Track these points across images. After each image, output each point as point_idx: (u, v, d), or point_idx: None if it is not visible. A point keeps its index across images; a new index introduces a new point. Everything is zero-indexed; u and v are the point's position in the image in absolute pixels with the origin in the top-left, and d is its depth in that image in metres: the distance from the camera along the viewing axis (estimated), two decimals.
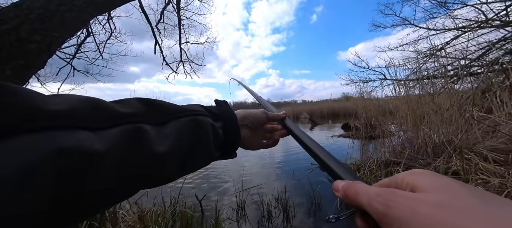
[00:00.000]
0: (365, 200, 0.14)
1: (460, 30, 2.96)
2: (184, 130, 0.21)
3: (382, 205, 0.12)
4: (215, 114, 0.26)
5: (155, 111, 0.20)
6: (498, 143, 1.28)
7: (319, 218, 1.38)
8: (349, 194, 0.15)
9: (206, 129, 0.23)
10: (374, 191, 0.14)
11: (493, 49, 2.49)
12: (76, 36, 2.95)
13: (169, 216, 1.25)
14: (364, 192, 0.14)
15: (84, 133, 0.14)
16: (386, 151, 2.19)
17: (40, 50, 1.18)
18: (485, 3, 2.64)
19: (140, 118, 0.18)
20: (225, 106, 0.28)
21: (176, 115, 0.21)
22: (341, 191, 0.16)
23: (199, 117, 0.23)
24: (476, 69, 2.73)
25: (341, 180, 0.18)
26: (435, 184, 0.12)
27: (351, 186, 0.16)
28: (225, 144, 0.26)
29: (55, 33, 1.23)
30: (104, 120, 0.16)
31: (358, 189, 0.15)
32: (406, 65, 3.63)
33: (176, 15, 3.91)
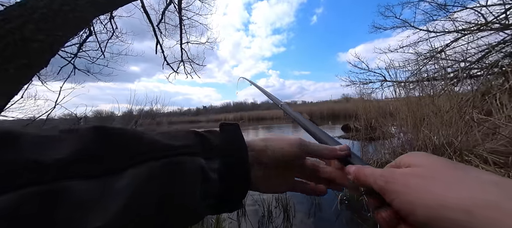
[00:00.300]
0: (372, 180, 0.16)
1: (460, 33, 2.97)
2: (153, 181, 0.14)
3: (384, 182, 0.15)
4: (211, 149, 0.18)
5: (110, 152, 0.13)
6: (498, 145, 1.29)
7: (319, 218, 1.39)
8: (360, 176, 0.18)
9: (187, 179, 0.15)
10: (378, 172, 0.16)
11: (492, 52, 2.51)
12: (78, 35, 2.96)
13: None
14: (371, 174, 0.17)
15: None
16: (386, 152, 2.19)
17: (43, 49, 1.19)
18: (485, 6, 2.66)
19: (73, 169, 0.11)
20: (233, 134, 0.19)
21: (145, 156, 0.14)
22: (353, 174, 0.18)
23: (183, 157, 0.15)
24: (476, 71, 2.75)
25: (351, 165, 0.20)
26: (424, 161, 0.15)
27: (361, 169, 0.18)
28: (224, 192, 0.17)
29: (58, 32, 1.24)
30: (8, 178, 0.10)
31: (366, 171, 0.17)
32: (406, 67, 3.65)
33: (177, 15, 3.93)
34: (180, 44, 4.37)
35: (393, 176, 0.15)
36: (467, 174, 0.13)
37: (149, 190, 0.13)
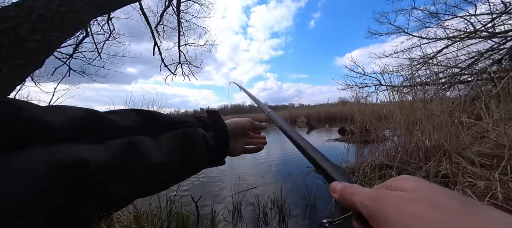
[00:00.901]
0: (358, 200, 0.15)
1: (450, 40, 3.08)
2: (179, 140, 0.22)
3: (372, 204, 0.13)
4: (207, 125, 0.28)
5: (150, 122, 0.21)
6: (485, 148, 1.33)
7: (314, 220, 1.40)
8: (345, 195, 0.16)
9: (199, 140, 0.25)
10: (366, 191, 0.15)
11: (481, 59, 2.60)
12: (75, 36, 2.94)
13: (165, 217, 1.25)
14: (358, 193, 0.15)
15: (86, 146, 0.15)
16: (380, 155, 2.23)
17: (39, 50, 1.18)
18: (474, 15, 2.77)
19: (137, 131, 0.19)
20: (216, 117, 0.30)
21: (171, 126, 0.22)
22: (338, 192, 0.17)
23: (192, 129, 0.24)
24: (466, 77, 2.84)
25: (338, 182, 0.18)
26: (418, 185, 0.13)
27: (347, 188, 0.17)
28: (216, 152, 0.28)
29: (55, 33, 1.24)
30: (104, 132, 0.16)
31: (353, 190, 0.16)
32: (400, 71, 3.75)
33: (176, 18, 3.94)
34: (178, 46, 4.37)
35: (383, 198, 0.13)
36: (473, 207, 0.11)
37: (178, 146, 0.22)
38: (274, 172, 2.50)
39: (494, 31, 2.55)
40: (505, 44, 2.45)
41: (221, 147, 0.28)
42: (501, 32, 2.50)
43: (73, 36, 2.79)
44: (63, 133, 0.14)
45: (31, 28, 1.11)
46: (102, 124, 0.17)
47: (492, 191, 0.93)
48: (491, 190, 0.95)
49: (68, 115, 0.15)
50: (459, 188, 1.09)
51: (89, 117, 0.16)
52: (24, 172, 0.12)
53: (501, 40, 2.49)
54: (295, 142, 0.28)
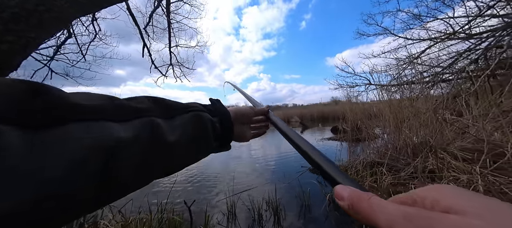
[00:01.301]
0: (384, 222, 0.11)
1: (432, 41, 3.25)
2: (189, 124, 0.23)
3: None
4: (211, 111, 0.28)
5: (163, 107, 0.22)
6: (466, 143, 1.41)
7: (309, 220, 1.40)
8: (360, 208, 0.12)
9: (206, 124, 0.26)
10: (397, 211, 0.11)
11: (460, 59, 2.76)
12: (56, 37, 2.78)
13: (156, 224, 1.20)
14: (382, 210, 0.11)
15: (112, 124, 0.16)
16: (371, 152, 2.30)
17: (14, 51, 1.10)
18: (452, 17, 2.95)
19: (152, 113, 0.20)
20: (219, 104, 0.31)
21: (181, 111, 0.24)
22: (348, 201, 0.13)
23: (200, 113, 0.26)
24: (447, 76, 3.00)
25: (344, 186, 0.15)
26: (483, 207, 0.09)
27: (362, 199, 0.12)
28: (222, 136, 0.29)
29: (32, 34, 1.16)
30: (124, 113, 0.18)
31: (372, 204, 0.12)
32: (388, 71, 3.90)
33: (166, 19, 3.85)
34: (169, 48, 4.27)
35: (431, 225, 0.09)
36: None
37: (189, 129, 0.23)
38: (268, 173, 2.50)
39: (471, 32, 2.73)
40: (480, 45, 2.63)
41: (226, 131, 0.29)
42: (476, 33, 2.68)
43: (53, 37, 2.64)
44: (96, 113, 0.15)
45: (3, 28, 1.03)
46: (124, 106, 0.18)
47: (474, 184, 0.98)
48: (472, 183, 1.00)
49: (93, 97, 0.16)
50: (444, 182, 1.14)
51: (112, 99, 0.18)
52: (63, 148, 0.12)
53: (477, 41, 2.66)
54: (291, 140, 0.25)
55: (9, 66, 1.16)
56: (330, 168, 0.17)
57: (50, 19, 1.24)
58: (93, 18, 3.24)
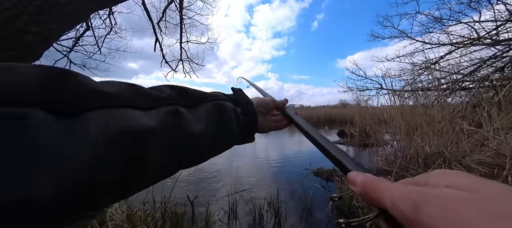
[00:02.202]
0: (389, 201, 0.11)
1: (453, 46, 3.06)
2: (212, 113, 0.22)
3: (410, 207, 0.10)
4: (234, 100, 0.27)
5: (185, 95, 0.21)
6: (485, 157, 1.32)
7: (310, 224, 1.38)
8: (370, 191, 0.13)
9: (230, 113, 0.24)
10: (399, 190, 0.11)
11: (484, 66, 2.58)
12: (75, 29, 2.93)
13: (159, 216, 1.24)
14: (387, 191, 0.12)
15: (136, 111, 0.16)
16: (379, 159, 2.22)
17: (37, 42, 1.17)
18: (478, 22, 2.75)
19: (175, 101, 0.19)
20: (241, 93, 0.30)
21: (204, 99, 0.23)
22: (360, 186, 0.14)
23: (223, 101, 0.24)
24: (468, 84, 2.82)
25: (357, 172, 0.15)
26: (475, 183, 0.10)
27: (373, 182, 0.13)
28: (246, 127, 0.27)
29: (54, 25, 1.22)
30: (148, 101, 0.17)
31: (381, 186, 0.12)
32: (401, 76, 3.72)
33: (178, 14, 3.92)
34: (179, 43, 4.35)
35: (425, 199, 0.10)
36: None
37: (212, 118, 0.22)
38: (271, 174, 2.49)
39: (498, 38, 2.53)
40: (508, 52, 2.43)
41: (250, 122, 0.28)
42: (504, 39, 2.48)
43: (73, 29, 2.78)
44: (120, 100, 0.15)
45: (29, 20, 1.10)
46: (147, 94, 0.18)
47: None
48: None
49: (118, 85, 0.16)
50: None
51: (136, 88, 0.17)
52: (89, 135, 0.12)
53: (505, 47, 2.47)
54: (306, 133, 0.27)
55: (32, 56, 1.23)
56: (343, 157, 0.19)
57: (71, 12, 1.30)
58: (110, 12, 3.37)
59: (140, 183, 0.16)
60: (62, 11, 1.26)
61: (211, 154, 0.23)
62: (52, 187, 0.10)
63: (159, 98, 0.18)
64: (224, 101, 0.25)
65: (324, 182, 2.10)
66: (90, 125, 0.12)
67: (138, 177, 0.15)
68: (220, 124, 0.23)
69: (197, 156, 0.21)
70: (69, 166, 0.11)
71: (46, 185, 0.10)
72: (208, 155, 0.23)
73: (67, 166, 0.11)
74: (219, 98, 0.24)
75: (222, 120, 0.23)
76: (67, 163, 0.11)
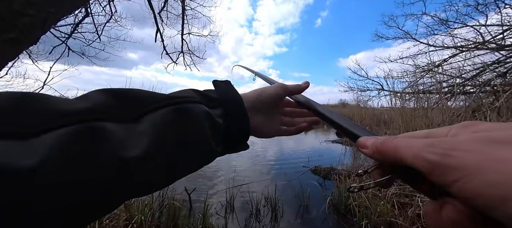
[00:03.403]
0: (409, 154, 0.11)
1: (458, 49, 3.03)
2: (167, 123, 0.16)
3: (439, 155, 0.10)
4: (212, 100, 0.21)
5: (125, 104, 0.15)
6: None
7: (307, 220, 1.40)
8: (385, 149, 0.13)
9: (198, 119, 0.18)
10: (422, 142, 0.11)
11: (486, 71, 2.57)
12: (74, 15, 2.85)
13: (157, 207, 1.24)
14: (407, 146, 0.12)
15: (8, 142, 0.10)
16: None
17: (33, 25, 1.13)
18: (484, 26, 2.71)
19: (99, 115, 0.13)
20: (226, 88, 0.23)
21: (155, 105, 0.16)
22: (372, 147, 0.14)
23: (189, 104, 0.18)
24: (469, 88, 2.81)
25: (367, 137, 0.15)
26: (498, 125, 0.10)
27: (386, 141, 0.13)
28: (229, 135, 0.21)
29: (51, 9, 1.18)
30: (37, 123, 0.11)
31: (397, 143, 0.12)
32: (403, 77, 3.70)
33: (181, 5, 3.84)
34: (181, 35, 4.27)
35: (456, 146, 0.09)
36: None
37: (165, 131, 0.16)
38: (270, 170, 2.50)
39: (503, 43, 2.51)
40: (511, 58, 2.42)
41: (235, 125, 0.21)
42: (510, 44, 2.46)
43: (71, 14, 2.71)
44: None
45: (25, 2, 1.06)
46: (35, 111, 0.11)
47: None
48: None
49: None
50: None
51: (22, 100, 0.12)
52: None
53: (509, 53, 2.45)
54: (315, 109, 0.25)
55: (28, 40, 1.20)
56: (352, 126, 0.19)
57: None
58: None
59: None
60: None
61: (172, 177, 0.17)
62: None
63: (66, 113, 0.12)
64: (190, 103, 0.18)
65: (321, 180, 2.11)
66: None
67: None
68: (180, 138, 0.16)
69: (131, 190, 0.14)
70: None
71: None
72: (166, 180, 0.17)
73: None
74: (183, 100, 0.18)
75: (184, 131, 0.17)
76: None
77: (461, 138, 0.10)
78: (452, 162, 0.09)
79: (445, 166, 0.09)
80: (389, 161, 0.13)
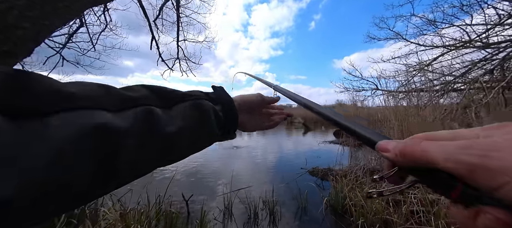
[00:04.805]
0: (441, 157, 0.11)
1: (446, 48, 3.12)
2: (189, 112, 0.23)
3: (477, 156, 0.09)
4: (213, 99, 0.27)
5: (160, 95, 0.21)
6: None
7: (305, 222, 1.40)
8: (411, 152, 0.12)
9: (208, 112, 0.25)
10: (455, 144, 0.11)
11: (474, 68, 2.65)
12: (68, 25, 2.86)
13: (153, 215, 1.23)
14: (437, 149, 0.11)
15: (105, 113, 0.16)
16: (373, 159, 2.26)
17: (27, 38, 1.14)
18: (469, 25, 2.82)
19: (150, 102, 0.19)
20: (221, 91, 0.30)
21: (180, 99, 0.23)
22: (393, 151, 0.13)
23: (201, 100, 0.25)
24: (459, 85, 2.89)
25: (386, 140, 0.15)
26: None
27: (413, 144, 0.12)
28: (225, 124, 0.28)
29: (45, 21, 1.20)
30: (119, 103, 0.17)
31: (425, 146, 0.12)
32: (396, 77, 3.78)
33: (175, 12, 3.88)
34: (176, 41, 4.31)
35: (494, 146, 0.09)
36: None
37: (189, 117, 0.22)
38: (267, 173, 2.50)
39: (488, 41, 2.60)
40: (497, 55, 2.50)
41: (229, 120, 0.28)
42: (494, 43, 2.55)
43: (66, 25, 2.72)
44: (89, 102, 0.15)
45: (19, 15, 1.07)
46: (119, 95, 0.18)
47: None
48: None
49: (86, 86, 0.16)
50: None
51: (106, 88, 0.17)
52: (50, 137, 0.12)
53: (494, 50, 2.54)
54: (322, 114, 0.24)
55: (22, 53, 1.20)
56: (369, 132, 0.18)
57: (64, 8, 1.27)
58: (105, 9, 3.31)
59: (112, 184, 0.16)
60: (54, 7, 1.23)
61: (189, 151, 0.24)
62: (10, 190, 0.10)
63: (132, 98, 0.18)
64: (202, 100, 0.25)
65: (319, 181, 2.12)
66: (53, 128, 0.12)
67: (109, 178, 0.16)
68: (197, 123, 0.23)
69: (173, 156, 0.22)
70: (27, 169, 0.11)
71: (3, 187, 0.10)
72: (186, 152, 0.24)
73: (25, 169, 0.11)
74: (197, 97, 0.25)
75: (200, 119, 0.24)
76: (24, 166, 0.11)
77: (498, 139, 0.09)
78: (494, 164, 0.09)
79: (486, 169, 0.09)
80: (414, 164, 0.12)
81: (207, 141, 0.26)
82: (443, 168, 0.10)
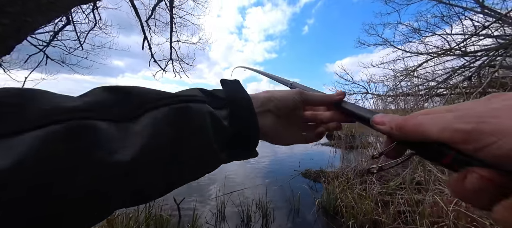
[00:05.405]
0: (435, 128, 0.11)
1: (429, 55, 3.33)
2: (164, 123, 0.14)
3: (473, 123, 0.10)
4: (218, 99, 0.18)
5: (124, 101, 0.14)
6: None
7: (297, 223, 1.41)
8: (406, 125, 0.12)
9: (200, 120, 0.16)
10: (451, 115, 0.11)
11: (454, 75, 2.83)
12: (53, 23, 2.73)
13: (143, 220, 1.19)
14: (431, 121, 0.11)
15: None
16: (364, 160, 2.33)
17: (7, 35, 1.08)
18: (450, 34, 3.02)
19: (92, 113, 0.12)
20: (234, 87, 0.20)
21: (155, 103, 0.15)
22: (389, 123, 0.13)
23: (190, 104, 0.16)
24: (442, 90, 3.07)
25: (381, 114, 0.15)
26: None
27: (407, 118, 0.13)
28: (236, 137, 0.18)
29: (28, 18, 1.14)
30: (24, 121, 0.10)
31: (421, 119, 0.12)
32: (385, 81, 3.95)
33: (169, 13, 3.83)
34: (169, 42, 4.24)
35: (491, 112, 0.10)
36: None
37: (162, 131, 0.14)
38: (260, 175, 2.50)
39: (466, 50, 2.80)
40: (474, 63, 2.70)
41: (243, 128, 0.18)
42: (471, 51, 2.75)
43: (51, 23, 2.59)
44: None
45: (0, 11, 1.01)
46: (25, 108, 0.11)
47: (456, 199, 1.01)
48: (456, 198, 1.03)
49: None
50: (430, 195, 1.16)
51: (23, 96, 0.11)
52: None
53: (472, 59, 2.74)
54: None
55: (2, 50, 1.14)
56: (362, 111, 0.19)
57: (48, 4, 1.22)
58: (94, 7, 3.20)
59: None
60: (38, 3, 1.18)
61: (168, 185, 0.16)
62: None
63: (59, 111, 0.11)
64: (193, 103, 0.16)
65: (311, 183, 2.15)
66: None
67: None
68: (176, 140, 0.15)
69: (129, 194, 0.13)
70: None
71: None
72: (161, 187, 0.15)
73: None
74: (187, 99, 0.16)
75: (181, 133, 0.15)
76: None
77: (496, 105, 0.10)
78: (488, 128, 0.09)
79: (480, 133, 0.09)
80: (408, 137, 0.12)
81: (202, 165, 0.17)
82: (438, 139, 0.11)
